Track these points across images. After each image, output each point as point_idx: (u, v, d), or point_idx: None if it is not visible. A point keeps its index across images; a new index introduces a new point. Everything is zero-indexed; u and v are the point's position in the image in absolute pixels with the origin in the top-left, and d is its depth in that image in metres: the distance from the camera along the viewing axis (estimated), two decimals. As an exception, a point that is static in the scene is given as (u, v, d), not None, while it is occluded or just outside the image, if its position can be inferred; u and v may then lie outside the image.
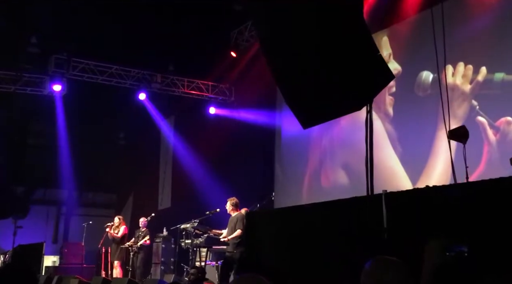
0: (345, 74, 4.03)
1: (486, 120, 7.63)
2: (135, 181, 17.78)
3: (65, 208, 17.64)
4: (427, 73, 8.56)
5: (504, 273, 2.85)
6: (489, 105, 7.71)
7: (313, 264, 4.42)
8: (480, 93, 7.86)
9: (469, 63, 8.00)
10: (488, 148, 7.51)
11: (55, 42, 12.70)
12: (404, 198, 3.96)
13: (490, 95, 7.74)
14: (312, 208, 5.04)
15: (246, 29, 12.45)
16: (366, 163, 4.03)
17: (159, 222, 12.81)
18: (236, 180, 12.04)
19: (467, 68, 8.01)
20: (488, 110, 7.69)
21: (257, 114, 12.56)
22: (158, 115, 15.27)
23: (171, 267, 12.01)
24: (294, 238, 4.82)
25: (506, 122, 7.37)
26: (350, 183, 9.76)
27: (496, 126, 7.52)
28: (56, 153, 15.34)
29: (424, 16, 7.87)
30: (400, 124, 9.12)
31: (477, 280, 1.92)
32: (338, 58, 4.04)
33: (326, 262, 4.28)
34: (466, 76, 8.02)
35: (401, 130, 9.09)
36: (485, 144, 7.58)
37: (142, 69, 13.45)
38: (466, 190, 3.75)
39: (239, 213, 8.57)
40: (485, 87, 7.80)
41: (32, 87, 13.21)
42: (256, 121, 12.52)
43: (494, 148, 7.43)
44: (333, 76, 4.10)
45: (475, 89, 7.91)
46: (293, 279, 4.40)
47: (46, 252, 12.47)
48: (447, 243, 2.72)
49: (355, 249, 3.95)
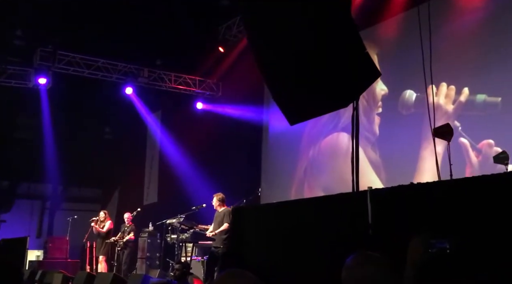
0: (332, 71, 4.05)
1: (468, 141, 7.66)
2: (121, 175, 17.69)
3: (50, 202, 17.51)
4: (410, 92, 8.62)
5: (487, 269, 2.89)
6: (472, 126, 7.73)
7: (297, 259, 4.45)
8: (463, 114, 7.87)
9: (452, 84, 8.04)
10: (470, 169, 7.54)
11: (40, 35, 12.55)
12: (389, 194, 3.98)
13: (472, 116, 7.77)
14: (298, 204, 5.06)
15: (234, 25, 12.43)
16: (352, 160, 4.06)
17: (145, 217, 12.77)
18: (223, 175, 12.04)
19: (450, 88, 8.06)
20: (470, 132, 7.71)
21: (244, 110, 12.56)
22: (145, 110, 15.20)
23: (157, 262, 11.99)
24: (280, 234, 4.83)
25: (487, 144, 7.41)
26: (337, 180, 9.81)
27: (478, 148, 7.56)
28: (41, 146, 15.18)
29: (411, 24, 7.92)
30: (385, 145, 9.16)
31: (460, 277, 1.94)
32: (325, 54, 4.05)
33: (311, 258, 4.31)
34: (449, 96, 8.05)
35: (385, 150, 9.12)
36: (467, 166, 7.61)
37: (129, 63, 13.36)
38: (451, 187, 3.79)
39: (226, 209, 8.58)
40: (467, 108, 7.83)
41: (17, 80, 13.06)
42: (243, 117, 12.52)
43: (476, 169, 7.43)
44: (320, 73, 4.11)
45: (458, 109, 7.94)
46: (277, 274, 4.42)
47: (30, 247, 12.32)
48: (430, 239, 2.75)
49: (340, 245, 3.97)
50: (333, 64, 4.03)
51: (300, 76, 4.25)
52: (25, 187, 17.18)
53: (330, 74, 4.05)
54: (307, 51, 4.14)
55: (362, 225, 3.84)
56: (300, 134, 10.93)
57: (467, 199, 3.43)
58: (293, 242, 4.63)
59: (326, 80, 4.09)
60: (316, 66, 4.11)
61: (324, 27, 4.05)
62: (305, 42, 4.16)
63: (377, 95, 9.34)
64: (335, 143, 10.15)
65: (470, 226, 3.30)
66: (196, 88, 14.14)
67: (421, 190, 3.85)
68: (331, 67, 4.05)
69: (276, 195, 10.60)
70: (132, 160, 17.31)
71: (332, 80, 4.07)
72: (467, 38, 7.99)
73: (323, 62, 4.09)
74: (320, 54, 4.08)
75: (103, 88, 13.94)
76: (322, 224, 4.36)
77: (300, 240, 4.55)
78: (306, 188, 10.58)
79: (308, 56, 4.14)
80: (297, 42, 4.22)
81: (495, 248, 3.06)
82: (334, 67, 4.03)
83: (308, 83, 4.21)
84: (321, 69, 4.09)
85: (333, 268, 2.51)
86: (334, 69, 4.04)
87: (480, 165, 7.48)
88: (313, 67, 4.13)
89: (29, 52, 12.62)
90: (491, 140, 7.36)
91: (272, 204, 7.41)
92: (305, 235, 4.53)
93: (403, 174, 8.29)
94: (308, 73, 4.17)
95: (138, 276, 8.56)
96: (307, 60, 4.15)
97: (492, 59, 7.63)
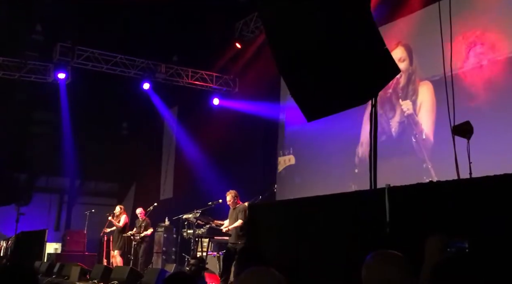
0: (351, 67, 4.02)
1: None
2: (138, 170, 17.81)
3: (68, 196, 17.71)
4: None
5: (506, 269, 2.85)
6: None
7: (314, 257, 4.44)
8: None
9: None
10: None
11: (60, 30, 12.69)
12: (407, 192, 3.95)
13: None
14: (315, 201, 5.05)
15: (251, 21, 12.41)
16: (370, 157, 4.04)
17: (161, 212, 12.84)
18: (239, 172, 12.05)
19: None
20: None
21: (261, 106, 12.54)
22: (161, 105, 15.27)
23: (173, 257, 12.06)
24: (296, 231, 4.83)
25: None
26: (352, 178, 9.76)
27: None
28: (60, 141, 15.36)
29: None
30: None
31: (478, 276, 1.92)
32: (344, 51, 4.02)
33: (328, 255, 4.30)
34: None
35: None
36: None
37: (147, 59, 13.43)
38: (469, 185, 3.75)
39: (241, 205, 8.58)
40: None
41: (37, 74, 13.23)
42: (260, 113, 12.50)
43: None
44: (338, 69, 4.08)
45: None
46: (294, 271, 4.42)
47: (48, 239, 12.53)
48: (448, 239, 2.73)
49: (358, 243, 3.96)
50: (352, 61, 4.01)
51: (319, 72, 4.23)
52: (44, 181, 17.41)
53: (349, 71, 4.03)
54: (325, 47, 4.12)
55: (380, 223, 3.82)
56: (316, 131, 10.88)
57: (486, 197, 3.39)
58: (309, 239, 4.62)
59: (344, 77, 4.07)
60: (334, 62, 4.09)
61: (343, 23, 4.02)
62: (324, 38, 4.13)
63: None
64: (352, 140, 10.09)
65: (489, 225, 3.26)
66: (212, 84, 14.16)
67: (440, 188, 3.82)
68: (349, 64, 4.02)
69: (292, 192, 10.58)
70: (149, 156, 17.42)
71: (350, 77, 4.04)
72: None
73: (342, 59, 4.06)
74: (338, 50, 4.06)
75: (121, 83, 14.05)
76: (339, 221, 4.35)
77: (316, 237, 4.55)
78: (322, 185, 10.54)
79: (327, 52, 4.12)
80: (316, 38, 4.19)
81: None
82: (352, 63, 4.01)
83: (327, 79, 4.19)
84: (339, 65, 4.07)
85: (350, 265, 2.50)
86: (352, 65, 4.01)
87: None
88: (331, 63, 4.11)
89: (48, 47, 12.76)
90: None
91: (288, 200, 7.41)
92: (321, 232, 4.51)
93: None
94: (326, 69, 4.15)
95: (155, 270, 8.63)
96: (326, 56, 4.13)
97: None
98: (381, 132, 9.22)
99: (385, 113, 9.43)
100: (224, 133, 13.23)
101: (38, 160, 16.46)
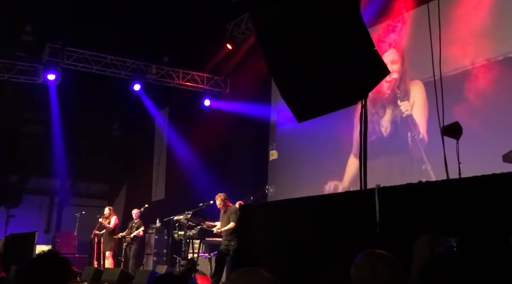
0: (341, 68, 4.04)
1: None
2: (129, 172, 17.75)
3: (58, 197, 17.59)
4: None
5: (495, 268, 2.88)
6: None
7: (305, 257, 4.45)
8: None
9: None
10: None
11: (49, 31, 12.60)
12: (397, 193, 3.98)
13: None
14: (306, 202, 5.06)
15: (242, 22, 12.42)
16: (360, 157, 4.06)
17: (152, 214, 12.81)
18: (230, 173, 12.04)
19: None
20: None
21: (252, 107, 12.55)
22: (152, 106, 15.22)
23: (164, 258, 12.03)
24: (287, 231, 4.84)
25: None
26: (345, 178, 9.79)
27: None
28: (50, 142, 15.26)
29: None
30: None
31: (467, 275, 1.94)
32: (334, 52, 4.04)
33: (319, 255, 4.31)
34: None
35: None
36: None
37: (137, 59, 13.39)
38: (459, 185, 3.78)
39: (232, 206, 8.59)
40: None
41: (26, 76, 13.12)
42: (251, 114, 12.51)
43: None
44: (328, 70, 4.10)
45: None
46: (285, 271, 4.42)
47: (38, 242, 12.40)
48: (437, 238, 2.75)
49: (348, 242, 3.97)
50: (342, 62, 4.03)
51: (309, 73, 4.25)
52: (34, 182, 17.26)
53: (339, 72, 4.05)
54: (315, 48, 4.13)
55: (370, 223, 3.84)
56: (307, 132, 10.90)
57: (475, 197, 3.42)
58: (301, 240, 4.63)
59: (334, 78, 4.09)
60: (324, 63, 4.11)
61: (333, 24, 4.04)
62: (314, 39, 4.15)
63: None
64: (343, 140, 10.13)
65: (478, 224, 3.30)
66: (204, 85, 14.14)
67: (429, 189, 3.85)
68: (339, 65, 4.04)
69: (284, 193, 10.59)
70: (140, 157, 17.35)
71: (340, 78, 4.06)
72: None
73: (332, 60, 4.08)
74: (328, 51, 4.07)
75: (111, 84, 13.99)
76: (330, 221, 4.37)
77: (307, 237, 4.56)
78: (314, 186, 10.56)
79: (317, 53, 4.14)
80: (306, 39, 4.21)
81: (502, 247, 3.06)
82: (342, 64, 4.02)
83: (317, 80, 4.21)
84: (329, 66, 4.09)
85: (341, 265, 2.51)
86: (342, 66, 4.03)
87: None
88: (321, 65, 4.13)
89: (38, 48, 12.68)
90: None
91: (279, 201, 7.43)
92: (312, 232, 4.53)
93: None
94: (316, 71, 4.17)
95: (146, 271, 8.62)
96: (316, 57, 4.15)
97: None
98: (381, 132, 9.30)
99: (377, 112, 9.47)
100: (216, 134, 13.21)
101: (28, 161, 16.33)
